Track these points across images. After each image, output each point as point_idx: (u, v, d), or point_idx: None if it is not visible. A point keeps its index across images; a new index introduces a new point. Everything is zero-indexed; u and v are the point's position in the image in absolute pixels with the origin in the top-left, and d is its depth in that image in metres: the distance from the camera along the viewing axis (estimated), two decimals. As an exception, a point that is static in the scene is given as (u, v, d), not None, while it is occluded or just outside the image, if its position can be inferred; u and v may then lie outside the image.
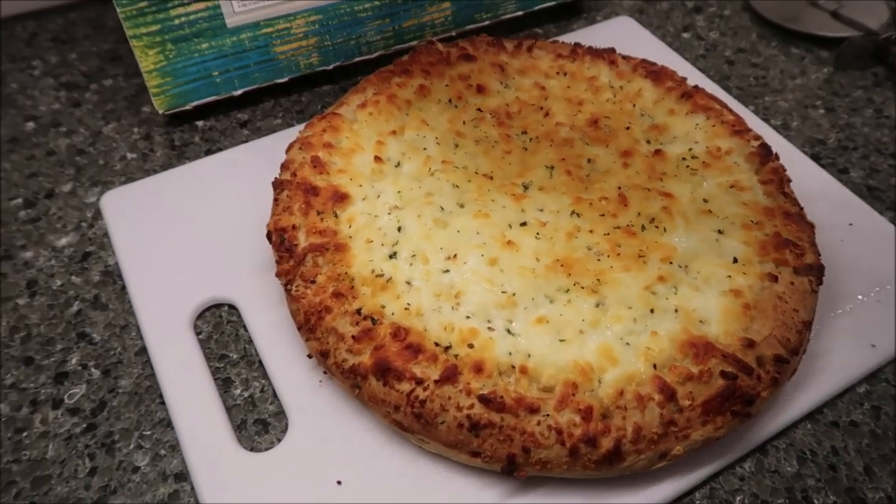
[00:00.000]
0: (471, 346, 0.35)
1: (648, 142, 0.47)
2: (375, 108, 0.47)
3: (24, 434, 0.37)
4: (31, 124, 0.53)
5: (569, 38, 0.59)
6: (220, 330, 0.41)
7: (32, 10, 0.61)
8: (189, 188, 0.47)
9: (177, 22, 0.49)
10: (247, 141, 0.51)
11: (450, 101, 0.49)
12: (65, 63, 0.57)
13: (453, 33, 0.58)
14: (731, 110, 0.49)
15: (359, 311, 0.37)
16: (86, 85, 0.56)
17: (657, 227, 0.41)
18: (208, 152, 0.51)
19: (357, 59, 0.56)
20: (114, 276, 0.44)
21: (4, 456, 0.36)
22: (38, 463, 0.35)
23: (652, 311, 0.37)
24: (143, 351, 0.40)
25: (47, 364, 0.39)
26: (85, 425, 0.37)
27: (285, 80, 0.54)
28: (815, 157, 0.52)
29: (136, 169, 0.50)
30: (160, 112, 0.51)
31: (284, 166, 0.44)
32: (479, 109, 0.48)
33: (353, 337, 0.36)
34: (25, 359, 0.40)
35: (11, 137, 0.52)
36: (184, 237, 0.45)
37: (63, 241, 0.45)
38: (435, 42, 0.52)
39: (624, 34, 0.61)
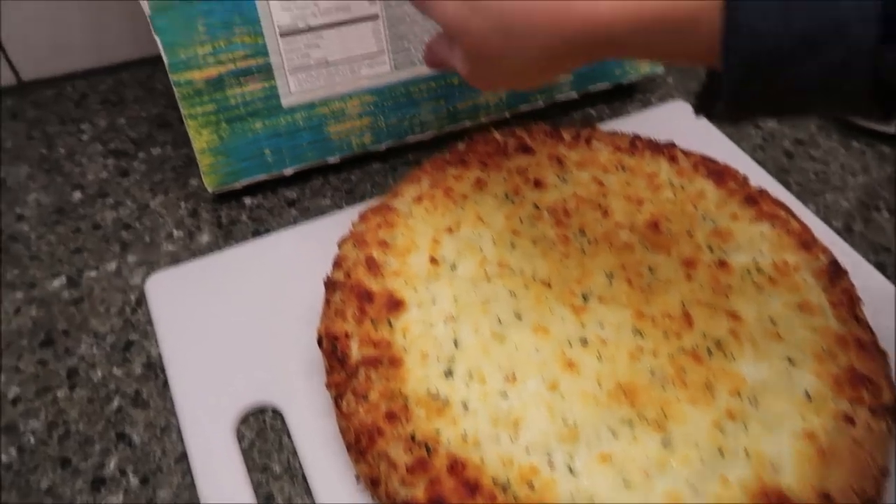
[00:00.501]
0: (531, 485, 0.34)
1: (711, 249, 0.45)
2: (431, 202, 0.46)
3: (60, 546, 0.35)
4: (77, 194, 0.52)
5: (623, 122, 0.58)
6: (264, 437, 0.39)
7: (83, 70, 0.61)
8: (236, 274, 0.46)
9: (232, 102, 0.48)
10: (295, 222, 0.50)
11: (506, 195, 0.47)
12: (114, 128, 0.57)
13: (507, 115, 0.57)
14: (797, 218, 0.47)
15: (413, 437, 0.35)
16: (134, 153, 0.55)
17: (724, 352, 0.39)
18: (255, 233, 0.50)
19: (409, 139, 0.55)
20: (156, 370, 0.42)
21: (38, 571, 0.34)
22: (72, 581, 0.34)
23: (721, 451, 0.35)
24: (184, 457, 0.38)
25: (84, 468, 0.38)
26: (122, 540, 0.35)
27: (336, 159, 0.53)
28: (880, 267, 0.50)
29: (182, 248, 0.49)
30: (209, 190, 0.50)
31: (337, 264, 0.43)
32: (535, 206, 0.47)
33: (406, 467, 0.34)
34: (62, 460, 0.38)
35: (58, 207, 0.51)
36: (229, 329, 0.43)
37: (106, 327, 0.44)
38: (492, 130, 0.50)
39: (679, 120, 0.59)
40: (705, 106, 0.33)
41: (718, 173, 0.50)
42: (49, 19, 0.57)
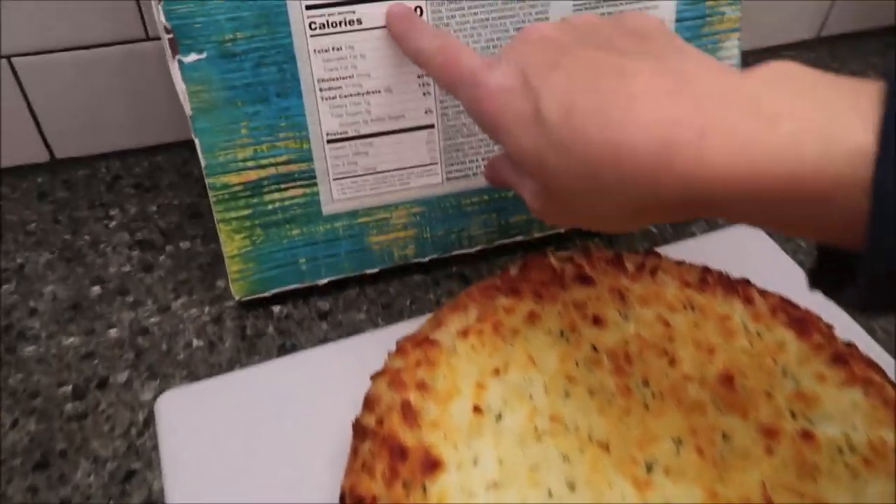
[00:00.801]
0: None
1: (794, 415, 0.40)
2: (479, 338, 0.41)
3: None
4: (96, 288, 0.49)
5: (689, 246, 0.53)
6: None
7: (119, 150, 0.58)
8: (256, 397, 0.42)
9: (270, 207, 0.45)
10: (325, 339, 0.46)
11: (561, 333, 0.42)
12: (143, 215, 0.54)
13: (561, 230, 0.53)
14: (892, 383, 0.41)
15: None
16: (161, 245, 0.52)
17: (815, 557, 0.34)
18: (281, 348, 0.46)
19: (455, 251, 0.50)
20: (156, 510, 0.38)
21: None
22: None
23: None
24: None
25: None
26: None
27: (376, 270, 0.49)
28: (984, 440, 0.44)
29: (200, 361, 0.45)
30: (236, 298, 0.46)
31: (368, 405, 0.38)
32: (594, 347, 0.42)
33: None
34: None
35: (74, 303, 0.48)
36: (242, 465, 0.39)
37: (108, 451, 0.40)
38: (549, 255, 0.46)
39: (748, 246, 0.54)
40: (822, 283, 0.28)
41: (800, 322, 0.44)
42: (87, 96, 0.54)
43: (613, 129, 0.27)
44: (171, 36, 0.39)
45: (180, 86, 0.41)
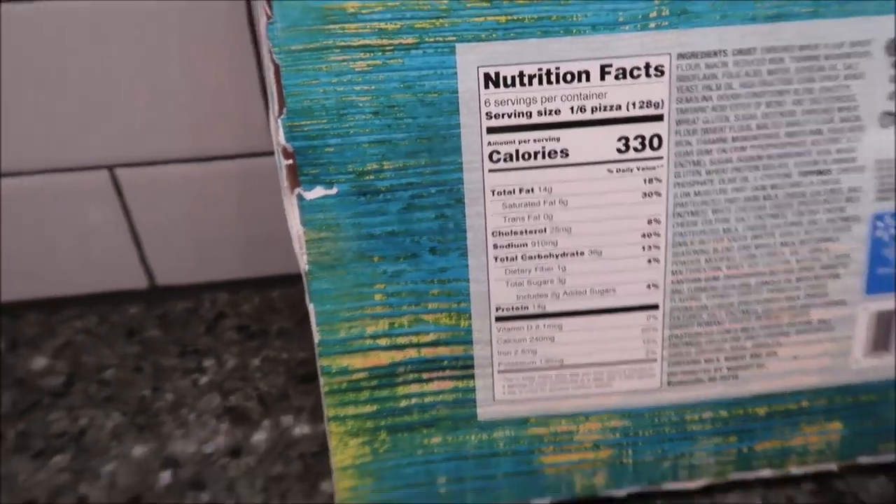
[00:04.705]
0: None
1: None
2: None
3: None
4: (166, 476, 0.36)
5: None
6: None
7: (230, 280, 0.47)
8: None
9: (403, 405, 0.31)
10: None
11: None
12: (243, 373, 0.42)
13: (834, 467, 0.35)
14: None
15: None
16: (258, 419, 0.39)
17: None
18: None
19: (665, 486, 0.34)
20: None
21: None
22: None
23: None
24: None
25: None
26: None
27: (547, 502, 0.33)
28: None
29: None
30: (342, 531, 0.32)
31: None
32: None
33: None
34: None
35: (134, 495, 0.35)
36: None
37: None
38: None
39: None
40: None
41: None
42: (198, 215, 0.44)
43: None
44: (290, 162, 0.27)
45: (297, 230, 0.28)
